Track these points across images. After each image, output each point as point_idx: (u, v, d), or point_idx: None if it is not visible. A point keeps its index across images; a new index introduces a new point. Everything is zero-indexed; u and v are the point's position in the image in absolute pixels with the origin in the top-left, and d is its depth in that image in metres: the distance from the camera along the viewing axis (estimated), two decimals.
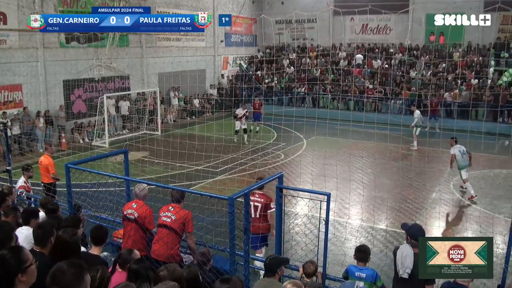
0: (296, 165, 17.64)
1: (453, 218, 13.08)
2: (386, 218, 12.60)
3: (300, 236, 9.55)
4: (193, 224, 6.82)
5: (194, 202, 8.00)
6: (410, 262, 5.77)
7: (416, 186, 15.48)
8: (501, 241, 9.21)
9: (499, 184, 15.76)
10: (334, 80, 29.73)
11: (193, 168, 16.30)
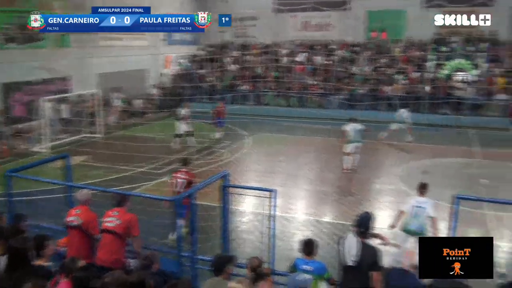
0: (242, 163, 17.68)
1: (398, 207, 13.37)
2: (331, 211, 12.83)
3: (248, 234, 9.59)
4: (139, 227, 6.71)
5: (140, 205, 7.87)
6: (356, 250, 5.96)
7: (360, 178, 15.81)
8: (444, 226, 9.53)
9: (442, 173, 16.30)
10: (278, 77, 29.95)
11: (137, 170, 16.04)
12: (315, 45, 32.12)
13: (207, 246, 8.28)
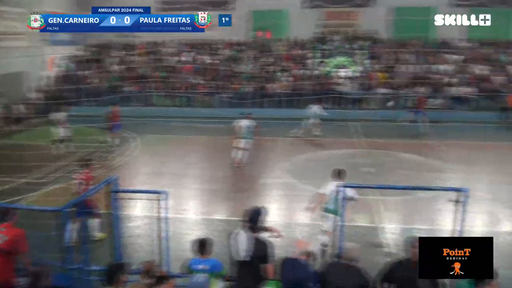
0: (131, 166, 17.34)
1: (288, 201, 13.83)
2: (223, 209, 13.00)
3: (141, 238, 9.45)
4: (27, 242, 6.37)
5: (26, 218, 7.47)
6: (247, 245, 6.11)
7: (250, 174, 16.13)
8: None
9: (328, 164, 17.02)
10: (164, 77, 29.61)
11: (20, 181, 15.07)
12: (200, 45, 32.14)
13: (99, 255, 8.06)
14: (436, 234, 10.79)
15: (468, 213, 10.66)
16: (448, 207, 7.22)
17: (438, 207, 11.73)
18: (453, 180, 14.81)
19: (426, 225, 11.57)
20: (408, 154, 18.42)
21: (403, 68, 29.23)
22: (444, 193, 7.50)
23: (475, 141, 21.09)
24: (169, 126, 23.50)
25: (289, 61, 30.21)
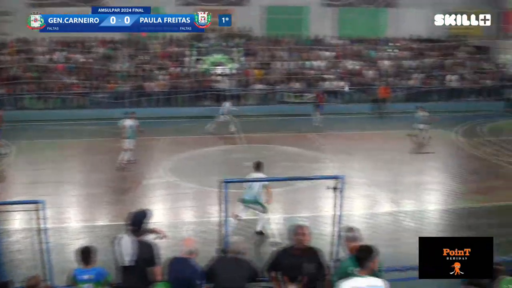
0: (6, 176, 16.16)
1: (172, 200, 13.70)
2: (106, 214, 12.55)
3: (21, 253, 8.90)
4: None
5: None
6: (132, 249, 5.94)
7: (132, 175, 15.75)
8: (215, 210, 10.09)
9: (209, 161, 17.19)
10: (36, 78, 27.81)
11: None
12: (73, 43, 30.60)
13: None
14: (319, 220, 11.34)
15: (347, 198, 11.35)
16: (328, 194, 7.55)
17: (318, 195, 12.27)
18: (332, 168, 15.63)
19: (308, 213, 12.06)
20: (287, 147, 19.06)
21: (278, 64, 30.12)
22: (323, 181, 7.84)
23: (349, 132, 22.33)
24: (44, 130, 22.24)
25: (166, 59, 29.87)
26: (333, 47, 31.85)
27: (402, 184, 15.18)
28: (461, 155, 18.87)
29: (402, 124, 22.95)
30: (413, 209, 12.99)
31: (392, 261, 8.49)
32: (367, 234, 10.30)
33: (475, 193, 14.14)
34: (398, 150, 18.98)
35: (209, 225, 10.98)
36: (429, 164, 17.56)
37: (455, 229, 11.72)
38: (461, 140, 20.84)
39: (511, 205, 13.10)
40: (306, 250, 5.99)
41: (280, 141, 20.17)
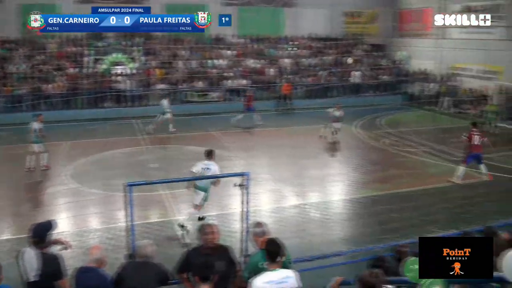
0: None
1: (75, 208, 13.12)
2: (8, 227, 11.78)
3: None
4: None
5: None
6: (36, 263, 5.65)
7: (31, 184, 14.98)
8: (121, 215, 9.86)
9: (114, 164, 16.71)
10: None
11: None
12: None
13: None
14: (228, 218, 11.45)
15: (255, 194, 11.56)
16: (236, 191, 7.63)
17: (226, 193, 12.33)
18: (238, 166, 15.75)
19: (217, 211, 12.09)
20: (193, 146, 18.95)
21: (180, 63, 29.88)
22: (230, 179, 7.91)
23: (254, 129, 22.61)
24: None
25: (63, 59, 28.60)
26: (234, 45, 32.13)
27: (306, 177, 15.64)
28: (362, 147, 19.75)
29: (305, 120, 23.73)
30: (318, 201, 13.46)
31: (300, 251, 8.75)
32: (275, 228, 10.54)
33: (376, 182, 14.91)
34: (301, 145, 19.53)
35: (116, 231, 10.72)
36: (332, 157, 18.27)
37: (359, 216, 12.30)
38: (362, 133, 21.81)
39: (410, 191, 13.97)
40: (216, 248, 6.01)
41: (185, 141, 20.07)
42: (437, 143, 19.62)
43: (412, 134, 21.50)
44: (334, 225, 11.76)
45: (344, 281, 5.30)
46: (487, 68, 27.74)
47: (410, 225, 10.97)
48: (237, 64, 30.88)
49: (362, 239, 10.41)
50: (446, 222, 11.32)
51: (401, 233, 10.20)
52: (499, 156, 17.34)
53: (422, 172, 16.30)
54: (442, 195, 13.48)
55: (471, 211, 12.07)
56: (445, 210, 12.17)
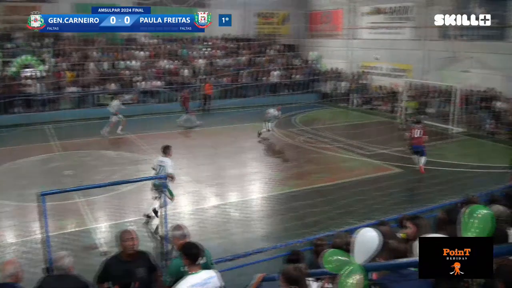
0: None
1: None
2: None
3: None
4: None
5: None
6: None
7: None
8: (37, 226, 9.46)
9: (27, 173, 15.90)
10: None
11: None
12: None
13: None
14: (149, 223, 11.23)
15: (175, 196, 11.47)
16: None
17: (146, 197, 12.15)
18: None
19: (136, 216, 11.86)
20: (107, 151, 18.51)
21: (91, 65, 28.98)
22: (148, 183, 7.80)
23: (170, 131, 22.34)
24: None
25: None
26: (147, 46, 31.59)
27: (225, 177, 15.73)
28: (279, 145, 20.09)
29: (221, 120, 23.79)
30: (237, 200, 13.58)
31: (222, 251, 8.81)
32: (196, 230, 10.54)
33: (293, 179, 15.25)
34: (220, 145, 19.59)
35: (32, 244, 10.22)
36: (249, 156, 18.46)
37: (278, 213, 12.52)
38: (278, 131, 22.17)
39: (326, 186, 14.43)
40: (136, 254, 5.90)
41: (99, 145, 19.48)
42: (350, 139, 20.35)
43: (326, 131, 22.18)
44: (254, 223, 11.91)
45: (267, 277, 5.39)
46: (396, 66, 29.24)
47: (327, 218, 11.34)
48: (150, 65, 30.37)
49: (282, 235, 10.61)
50: (362, 213, 11.77)
51: (320, 227, 10.52)
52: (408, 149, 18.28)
53: (336, 167, 16.86)
54: (356, 188, 14.00)
55: (385, 201, 12.63)
56: (360, 202, 12.64)
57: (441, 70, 25.86)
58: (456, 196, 10.65)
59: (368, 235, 3.89)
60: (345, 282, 3.67)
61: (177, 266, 5.65)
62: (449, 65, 25.27)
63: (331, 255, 4.07)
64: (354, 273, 3.70)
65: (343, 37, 33.27)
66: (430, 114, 24.95)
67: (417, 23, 27.69)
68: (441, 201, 11.05)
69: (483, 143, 20.55)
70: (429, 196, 12.92)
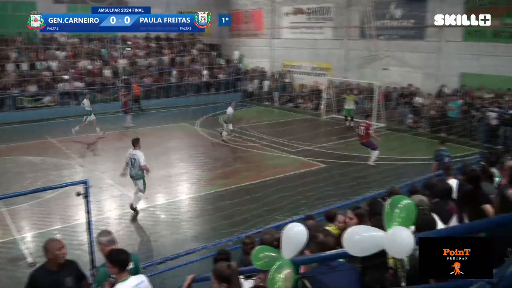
0: None
1: None
2: None
3: None
4: None
5: None
6: None
7: None
8: None
9: None
10: None
11: None
12: None
13: None
14: (74, 230, 10.94)
15: (101, 201, 11.24)
16: (80, 201, 7.31)
17: (70, 204, 11.79)
18: (82, 173, 15.14)
19: (62, 224, 11.49)
20: (30, 156, 17.73)
21: (9, 66, 27.63)
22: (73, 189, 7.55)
23: (92, 133, 21.66)
24: None
25: None
26: (65, 46, 30.47)
27: (152, 179, 15.42)
28: (205, 145, 20.04)
29: (146, 121, 23.41)
30: (165, 202, 13.48)
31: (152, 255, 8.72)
32: (125, 234, 10.39)
33: (220, 178, 15.31)
34: (145, 146, 19.19)
35: None
36: (176, 157, 18.28)
37: (206, 213, 12.54)
38: (204, 131, 22.11)
39: (253, 184, 14.58)
40: (63, 264, 5.71)
41: (21, 151, 18.55)
42: (275, 137, 20.65)
43: (252, 130, 22.37)
44: (183, 224, 11.87)
45: (198, 278, 5.39)
46: (318, 65, 30.00)
47: (256, 216, 11.45)
48: (71, 66, 29.34)
49: (212, 234, 10.63)
50: (289, 209, 11.98)
51: (249, 224, 10.62)
52: (332, 144, 18.83)
53: (263, 164, 17.06)
54: (283, 184, 14.20)
55: (311, 196, 12.90)
56: (287, 198, 12.84)
57: (362, 69, 26.82)
58: (380, 188, 11.10)
59: (295, 230, 3.98)
60: (275, 277, 3.74)
61: (105, 273, 5.50)
62: (369, 63, 26.24)
63: (260, 252, 4.14)
64: (283, 268, 3.78)
65: (265, 36, 33.71)
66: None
67: (336, 23, 28.53)
68: (366, 194, 11.42)
69: (404, 137, 21.46)
70: (354, 189, 13.34)
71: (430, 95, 23.37)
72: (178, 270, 7.77)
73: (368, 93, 24.73)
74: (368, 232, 3.26)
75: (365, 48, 26.27)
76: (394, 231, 3.05)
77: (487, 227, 3.32)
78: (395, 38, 25.10)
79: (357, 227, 3.54)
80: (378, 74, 25.22)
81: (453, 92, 22.64)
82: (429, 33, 23.76)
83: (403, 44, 24.68)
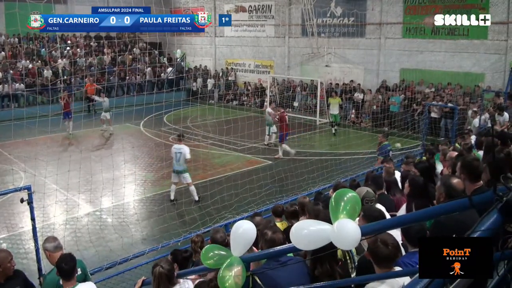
0: None
1: None
2: None
3: None
4: None
5: None
6: None
7: None
8: None
9: None
10: None
11: None
12: None
13: None
14: (20, 238, 10.65)
15: (46, 207, 10.92)
16: (25, 207, 7.12)
17: (14, 211, 11.46)
18: (26, 179, 14.71)
19: (6, 233, 11.15)
20: None
21: None
22: (17, 195, 7.35)
23: (35, 136, 20.99)
24: None
25: None
26: (2, 46, 29.38)
27: (96, 182, 15.12)
28: (150, 145, 19.82)
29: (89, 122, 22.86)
30: (111, 205, 13.25)
31: (101, 259, 8.60)
32: (71, 240, 10.18)
33: (167, 179, 15.14)
34: (88, 149, 18.90)
35: None
36: (121, 158, 17.95)
37: (154, 214, 12.48)
38: (148, 131, 21.88)
39: (200, 182, 14.60)
40: (10, 275, 5.54)
41: None
42: (220, 135, 20.64)
43: (196, 128, 22.30)
44: (131, 226, 11.75)
45: (148, 280, 5.38)
46: (260, 63, 30.25)
47: (204, 215, 11.46)
48: (11, 66, 28.25)
49: (161, 235, 10.59)
50: (237, 206, 12.05)
51: (198, 224, 10.63)
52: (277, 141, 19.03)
53: (209, 163, 17.10)
54: (230, 182, 14.28)
55: (259, 193, 13.02)
56: (235, 196, 12.92)
57: (303, 66, 27.22)
58: (325, 182, 11.35)
59: (243, 228, 4.05)
60: (225, 275, 3.80)
61: (52, 281, 5.39)
62: (311, 60, 26.68)
63: (209, 251, 4.18)
64: (233, 266, 3.84)
65: (207, 35, 33.61)
66: (295, 107, 26.14)
67: (278, 21, 28.83)
68: (311, 189, 11.63)
69: (347, 131, 21.95)
70: (300, 184, 13.53)
71: (370, 90, 23.98)
72: (128, 274, 7.71)
73: (311, 90, 25.19)
74: (315, 226, 3.34)
75: (306, 46, 26.70)
76: (339, 223, 3.15)
77: (433, 215, 3.49)
78: (336, 36, 25.65)
79: (304, 221, 3.63)
80: (320, 71, 25.70)
81: (393, 87, 23.35)
82: (369, 31, 24.40)
83: (344, 42, 25.28)
